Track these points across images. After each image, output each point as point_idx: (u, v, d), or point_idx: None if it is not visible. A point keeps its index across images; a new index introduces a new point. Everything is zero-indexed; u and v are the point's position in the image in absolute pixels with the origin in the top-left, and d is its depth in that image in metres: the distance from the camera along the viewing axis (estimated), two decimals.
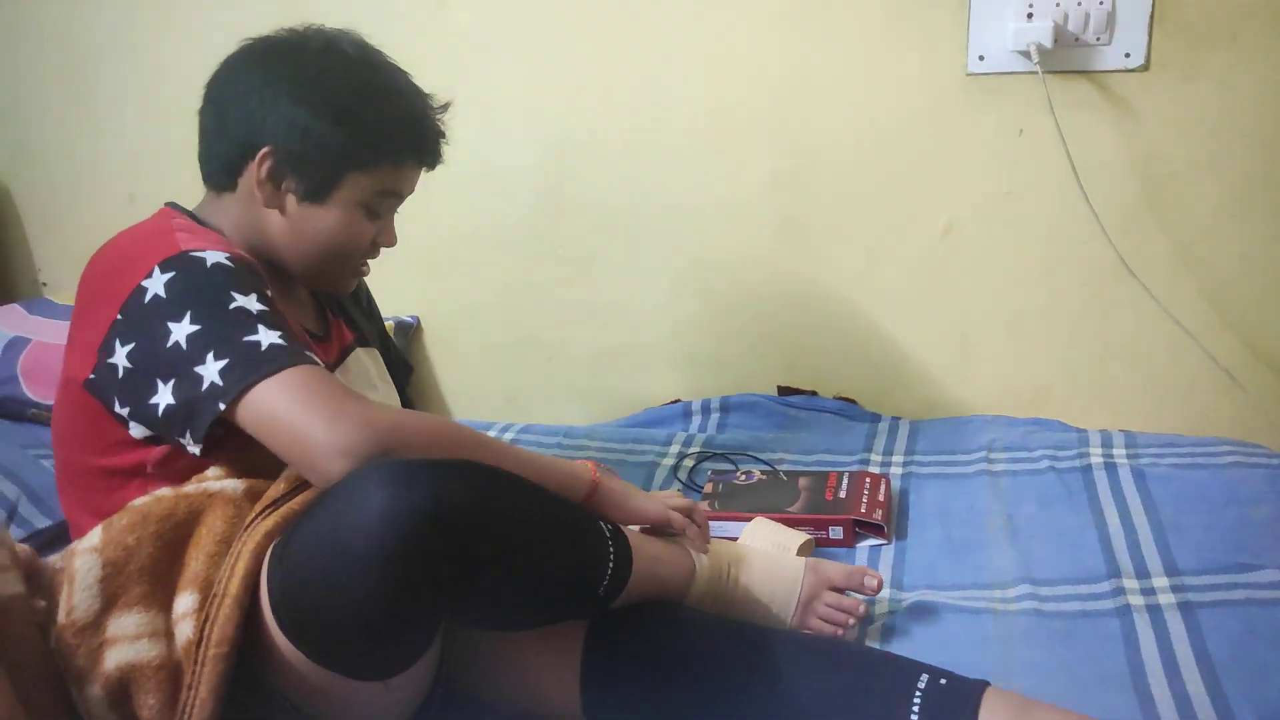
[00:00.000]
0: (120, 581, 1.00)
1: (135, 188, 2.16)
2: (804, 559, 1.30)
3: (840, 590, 1.28)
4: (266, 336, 1.04)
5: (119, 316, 1.07)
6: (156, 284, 1.06)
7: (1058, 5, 1.66)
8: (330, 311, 1.36)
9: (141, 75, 2.11)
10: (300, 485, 1.07)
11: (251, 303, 1.07)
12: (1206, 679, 1.14)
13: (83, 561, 1.01)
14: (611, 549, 1.09)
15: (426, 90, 1.27)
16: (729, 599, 1.24)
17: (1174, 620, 1.25)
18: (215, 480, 1.08)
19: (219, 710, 0.97)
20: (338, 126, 1.17)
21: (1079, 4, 1.65)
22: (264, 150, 1.17)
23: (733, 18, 1.81)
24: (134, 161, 2.17)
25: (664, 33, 1.84)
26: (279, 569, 0.98)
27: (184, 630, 0.99)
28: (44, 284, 2.32)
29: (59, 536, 1.48)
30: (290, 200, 1.20)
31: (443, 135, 1.27)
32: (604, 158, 1.92)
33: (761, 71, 1.82)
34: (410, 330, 2.08)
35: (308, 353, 1.07)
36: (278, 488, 1.07)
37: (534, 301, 2.03)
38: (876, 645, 1.25)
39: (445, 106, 1.27)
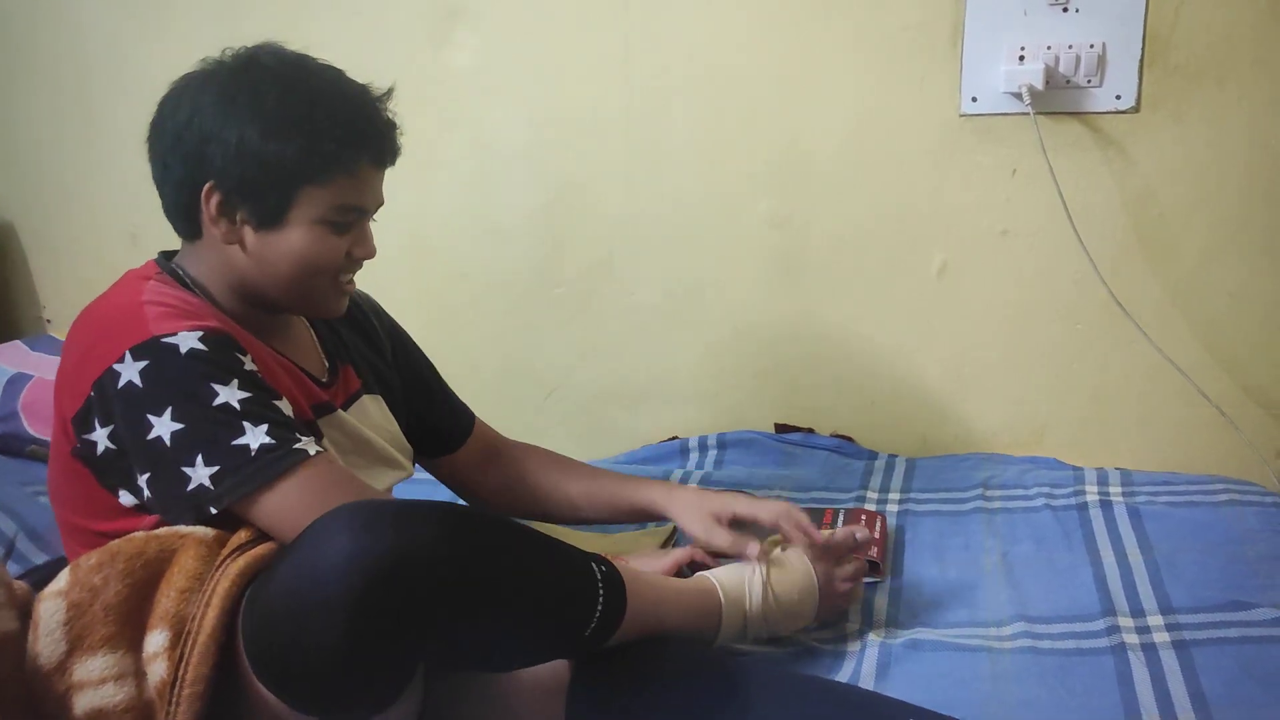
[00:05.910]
0: (85, 623, 0.99)
1: (137, 227, 2.18)
2: (797, 550, 1.32)
3: (837, 557, 1.33)
4: (254, 437, 1.06)
5: (92, 394, 1.08)
6: (130, 371, 1.07)
7: (1049, 48, 1.68)
8: (338, 359, 1.35)
9: (145, 114, 2.13)
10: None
11: (233, 393, 1.07)
12: (1200, 717, 1.14)
13: (46, 606, 1.00)
14: (601, 592, 1.07)
15: (364, 82, 1.18)
16: (774, 618, 1.25)
17: (1169, 658, 1.25)
18: (186, 525, 1.09)
19: None
20: (276, 142, 1.11)
21: (1070, 47, 1.68)
22: (208, 185, 1.13)
23: (730, 59, 1.83)
24: (136, 200, 2.17)
25: (661, 75, 1.86)
26: (251, 617, 0.97)
27: (157, 670, 0.98)
28: (48, 320, 2.33)
29: (57, 573, 1.47)
30: (248, 231, 1.16)
31: (394, 125, 1.19)
32: (601, 198, 1.94)
33: (757, 112, 1.84)
34: None
35: (299, 438, 1.08)
36: (247, 533, 1.08)
37: (531, 340, 2.04)
38: (871, 683, 1.24)
39: (388, 93, 1.19)
